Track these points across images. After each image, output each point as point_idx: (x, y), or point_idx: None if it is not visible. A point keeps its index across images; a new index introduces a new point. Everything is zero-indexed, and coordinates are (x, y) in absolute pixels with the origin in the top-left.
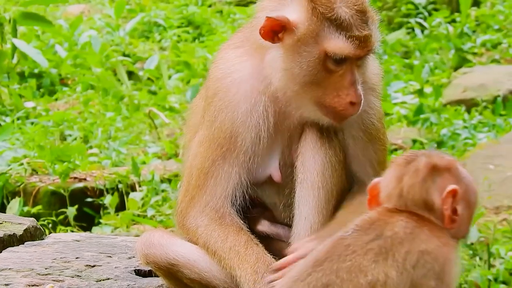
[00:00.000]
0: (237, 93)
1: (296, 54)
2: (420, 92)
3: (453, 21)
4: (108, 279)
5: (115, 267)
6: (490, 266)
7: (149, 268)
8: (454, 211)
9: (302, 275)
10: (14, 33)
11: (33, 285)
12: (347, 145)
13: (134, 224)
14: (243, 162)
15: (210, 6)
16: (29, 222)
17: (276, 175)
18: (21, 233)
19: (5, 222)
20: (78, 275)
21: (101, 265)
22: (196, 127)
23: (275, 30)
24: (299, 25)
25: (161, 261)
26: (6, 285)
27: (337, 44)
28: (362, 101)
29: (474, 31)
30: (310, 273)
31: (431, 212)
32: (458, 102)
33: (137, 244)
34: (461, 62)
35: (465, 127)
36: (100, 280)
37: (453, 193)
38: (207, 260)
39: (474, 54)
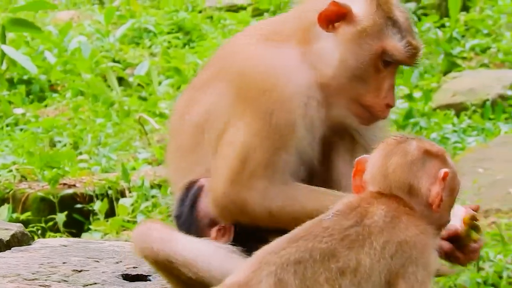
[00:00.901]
0: (290, 85)
1: (356, 46)
2: (409, 97)
3: (443, 26)
4: (96, 283)
5: (103, 272)
6: (479, 269)
7: (136, 273)
8: (441, 197)
9: (277, 248)
10: (3, 40)
11: None
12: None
13: (124, 230)
14: (300, 151)
15: (200, 12)
16: (16, 227)
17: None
18: (8, 239)
19: None
20: (65, 280)
21: (88, 270)
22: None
23: (333, 18)
24: (363, 17)
25: (159, 256)
26: None
27: (396, 45)
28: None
29: (463, 36)
30: (284, 247)
31: (414, 196)
32: (448, 107)
33: (133, 235)
34: (451, 66)
35: (455, 131)
36: (87, 285)
37: (445, 177)
38: (207, 259)
39: (464, 58)
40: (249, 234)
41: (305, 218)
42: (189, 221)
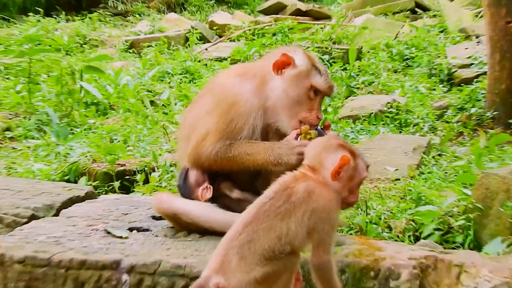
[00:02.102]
0: (247, 105)
1: (294, 83)
2: (325, 111)
3: (345, 69)
4: (135, 221)
5: (139, 214)
6: (367, 214)
7: (160, 214)
8: (338, 172)
9: (235, 235)
10: (81, 78)
11: (89, 225)
12: None
13: (154, 191)
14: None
15: (199, 61)
16: (88, 189)
17: None
18: (83, 195)
19: (75, 189)
20: (117, 219)
21: (131, 213)
22: (199, 121)
23: (282, 66)
24: (300, 65)
25: (167, 210)
26: (73, 225)
27: (320, 82)
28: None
29: (357, 75)
30: (240, 233)
31: (326, 169)
32: (348, 117)
33: (152, 200)
34: (350, 93)
35: (352, 131)
36: (130, 222)
37: (344, 160)
38: (197, 210)
39: (358, 88)
40: (218, 194)
41: (244, 161)
42: (184, 187)
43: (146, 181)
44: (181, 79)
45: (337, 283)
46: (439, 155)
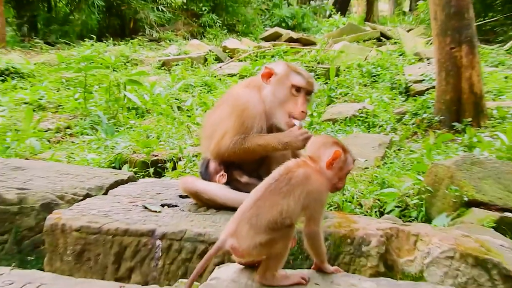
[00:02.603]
0: (255, 109)
1: (279, 86)
2: (311, 115)
3: (326, 83)
4: (166, 199)
5: (169, 194)
6: (343, 194)
7: (186, 194)
8: (332, 163)
9: (247, 209)
10: (125, 89)
11: (130, 202)
12: None
13: (180, 175)
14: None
15: (215, 76)
16: (130, 174)
17: None
18: (126, 178)
19: (119, 174)
20: (152, 198)
21: (163, 193)
22: (220, 121)
23: (267, 76)
24: (280, 72)
25: (190, 190)
26: (118, 202)
27: (298, 80)
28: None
29: (336, 87)
30: (250, 207)
31: (321, 161)
32: (329, 120)
33: (179, 182)
34: (330, 101)
35: (332, 131)
36: (162, 200)
37: (336, 154)
38: (214, 190)
39: (336, 98)
40: (231, 179)
41: (256, 150)
42: (205, 173)
43: (174, 168)
44: (201, 90)
45: (323, 248)
46: (399, 149)
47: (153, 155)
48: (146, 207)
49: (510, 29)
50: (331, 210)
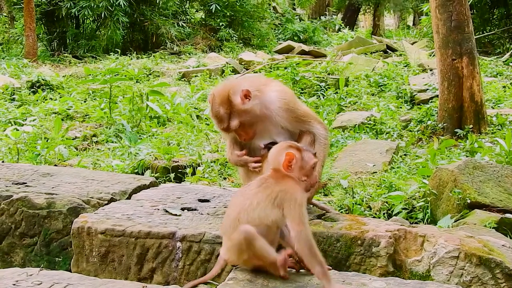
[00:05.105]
0: None
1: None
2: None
3: (336, 92)
4: (186, 203)
5: (189, 198)
6: (353, 197)
7: (205, 198)
8: (289, 165)
9: (227, 223)
10: (147, 99)
11: (153, 206)
12: None
13: (199, 180)
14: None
15: None
16: (152, 179)
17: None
18: (148, 183)
19: (142, 179)
20: (172, 202)
21: (183, 197)
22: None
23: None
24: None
25: None
26: (141, 206)
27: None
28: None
29: (345, 97)
30: (247, 202)
31: (280, 166)
32: (339, 127)
33: None
34: (340, 110)
35: (342, 138)
36: (183, 203)
37: (289, 156)
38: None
39: (346, 106)
40: None
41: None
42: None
43: (193, 173)
44: None
45: (316, 249)
46: (405, 155)
47: (174, 161)
48: (167, 211)
49: (507, 42)
50: (342, 212)
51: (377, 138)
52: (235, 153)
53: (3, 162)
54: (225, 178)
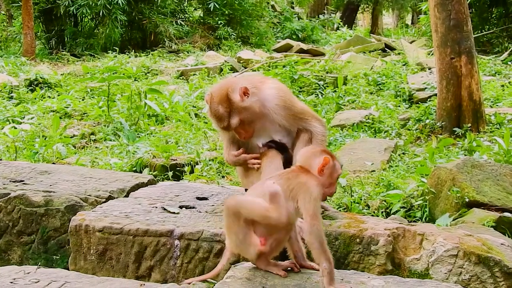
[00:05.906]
0: None
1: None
2: None
3: (335, 91)
4: (184, 200)
5: (187, 196)
6: (352, 196)
7: (203, 196)
8: (322, 169)
9: (257, 186)
10: (145, 97)
11: (151, 204)
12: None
13: (197, 178)
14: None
15: None
16: (150, 177)
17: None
18: (146, 182)
19: (140, 177)
20: (170, 200)
21: (181, 195)
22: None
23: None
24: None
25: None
26: (139, 204)
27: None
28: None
29: (344, 95)
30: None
31: (313, 169)
32: (337, 126)
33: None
34: (338, 108)
35: (340, 136)
36: (181, 201)
37: (326, 160)
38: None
39: (344, 105)
40: None
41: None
42: None
43: (192, 172)
44: None
45: (327, 246)
46: (403, 153)
47: (172, 159)
48: (165, 209)
49: (505, 41)
50: (340, 211)
51: (375, 136)
52: (232, 153)
53: (0, 160)
54: (223, 176)
